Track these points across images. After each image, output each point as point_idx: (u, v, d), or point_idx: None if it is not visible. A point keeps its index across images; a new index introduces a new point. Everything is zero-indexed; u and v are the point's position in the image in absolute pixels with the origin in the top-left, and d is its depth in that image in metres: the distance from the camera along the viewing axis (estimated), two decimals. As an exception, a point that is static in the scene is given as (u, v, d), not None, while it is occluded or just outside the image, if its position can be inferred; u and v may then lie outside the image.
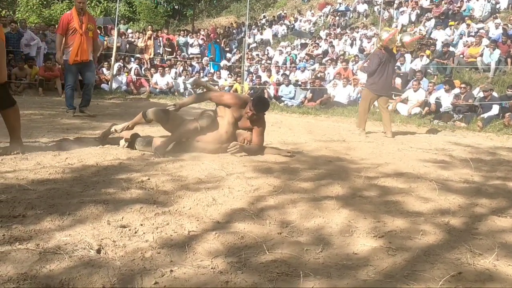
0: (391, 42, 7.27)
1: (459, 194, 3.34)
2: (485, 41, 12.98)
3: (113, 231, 2.16)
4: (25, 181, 2.94)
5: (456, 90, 10.55)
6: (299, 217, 2.60)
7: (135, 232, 2.19)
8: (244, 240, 2.17)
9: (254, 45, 20.06)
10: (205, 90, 5.07)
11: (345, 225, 2.49)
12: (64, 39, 6.92)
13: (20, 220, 2.22)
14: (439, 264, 2.00)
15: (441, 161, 4.99)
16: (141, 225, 2.29)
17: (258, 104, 4.46)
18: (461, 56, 13.23)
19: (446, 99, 10.52)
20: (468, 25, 14.96)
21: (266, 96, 12.62)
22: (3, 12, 23.30)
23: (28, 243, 1.95)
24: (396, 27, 15.31)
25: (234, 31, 21.43)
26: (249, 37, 19.73)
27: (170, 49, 16.03)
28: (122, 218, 2.37)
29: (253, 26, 22.26)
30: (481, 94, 10.33)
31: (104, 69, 13.41)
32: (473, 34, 14.24)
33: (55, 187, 2.84)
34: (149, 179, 3.22)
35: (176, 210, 2.56)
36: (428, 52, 13.58)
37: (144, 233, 2.18)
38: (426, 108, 10.69)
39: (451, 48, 13.54)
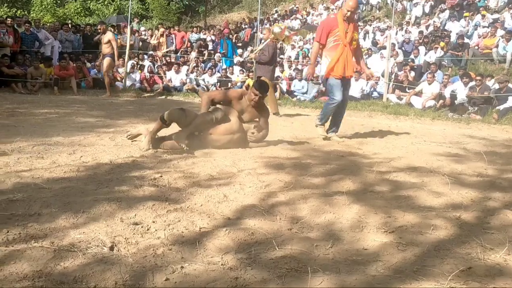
0: (281, 36, 8.63)
1: (472, 188, 3.32)
2: (500, 32, 12.77)
3: (126, 228, 2.21)
4: (41, 179, 3.00)
5: (473, 82, 10.41)
6: (310, 213, 2.61)
7: (147, 229, 2.22)
8: (254, 237, 2.19)
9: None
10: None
11: (356, 220, 2.50)
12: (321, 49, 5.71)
13: (35, 219, 2.28)
14: (449, 259, 2.00)
15: (455, 154, 4.95)
16: (153, 222, 2.33)
17: (261, 86, 4.75)
18: (476, 47, 13.04)
19: (462, 92, 10.40)
20: (483, 15, 14.73)
21: (278, 91, 12.66)
22: (19, 12, 23.60)
23: (43, 241, 2.01)
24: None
25: (246, 26, 21.38)
26: (261, 32, 19.68)
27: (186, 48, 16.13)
28: (135, 215, 2.41)
29: (265, 21, 22.20)
30: (496, 86, 10.18)
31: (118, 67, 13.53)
32: (487, 25, 14.01)
33: (70, 185, 2.90)
34: (161, 176, 3.26)
35: (187, 207, 2.60)
36: (442, 44, 13.42)
37: (156, 230, 2.22)
38: (441, 101, 10.57)
39: (465, 40, 13.35)
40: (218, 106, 4.68)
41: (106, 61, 10.96)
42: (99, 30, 12.13)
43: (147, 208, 2.51)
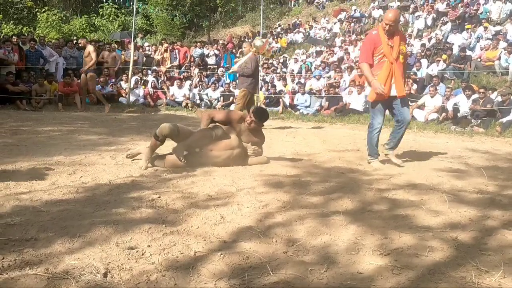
0: (262, 49, 8.78)
1: (471, 206, 3.31)
2: (503, 44, 12.77)
3: (121, 253, 2.21)
4: (39, 202, 3.02)
5: (476, 95, 10.39)
6: (306, 234, 2.61)
7: (142, 254, 2.23)
8: (249, 261, 2.19)
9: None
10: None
11: (352, 242, 2.49)
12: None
13: (32, 244, 2.29)
14: (443, 283, 2.00)
15: (456, 170, 4.94)
16: (149, 246, 2.33)
17: (258, 112, 4.78)
18: (479, 60, 13.05)
19: (465, 104, 10.38)
20: (486, 28, 14.76)
21: (281, 105, 12.69)
22: (24, 28, 23.89)
23: (38, 267, 2.01)
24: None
25: (249, 40, 21.54)
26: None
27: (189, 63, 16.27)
28: (131, 239, 2.42)
29: (269, 34, 22.35)
30: (499, 98, 10.16)
31: (122, 83, 13.64)
32: (490, 37, 14.03)
33: (68, 208, 2.92)
34: (159, 197, 3.27)
35: (184, 230, 2.60)
36: (444, 56, 13.43)
37: (151, 254, 2.23)
38: (444, 114, 10.56)
39: (468, 52, 13.36)
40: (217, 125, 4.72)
41: (90, 79, 10.79)
42: (80, 44, 11.99)
43: (143, 231, 2.52)
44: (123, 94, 13.17)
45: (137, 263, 2.12)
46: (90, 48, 10.94)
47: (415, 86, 12.34)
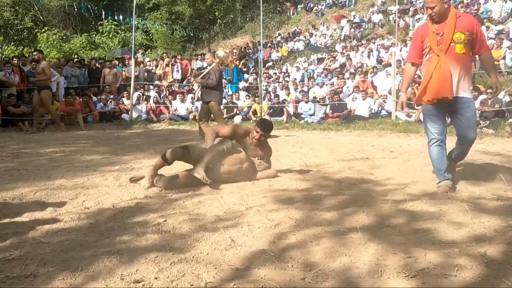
0: (226, 60, 8.89)
1: (493, 215, 3.13)
2: (507, 43, 12.62)
3: (126, 289, 2.05)
4: (40, 232, 2.87)
5: (482, 96, 10.21)
6: (324, 256, 2.44)
7: (149, 288, 2.07)
8: (264, 291, 2.02)
9: (270, 63, 20.05)
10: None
11: (373, 263, 2.32)
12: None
13: (31, 281, 2.13)
14: (480, 309, 1.82)
15: (470, 174, 4.76)
16: (156, 278, 2.17)
17: (263, 124, 4.69)
18: (483, 59, 12.86)
19: (472, 106, 10.19)
20: (488, 27, 14.60)
21: (285, 114, 12.56)
22: (25, 49, 23.94)
23: (37, 310, 1.86)
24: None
25: (250, 51, 21.48)
26: (266, 55, 19.75)
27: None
28: (136, 270, 2.26)
29: (269, 44, 22.29)
30: (507, 98, 9.99)
31: (124, 99, 13.54)
32: (493, 36, 13.87)
33: (70, 238, 2.76)
34: (165, 220, 3.12)
35: (192, 257, 2.44)
36: (448, 57, 13.26)
37: (158, 288, 2.07)
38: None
39: (471, 52, 13.18)
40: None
41: (45, 97, 10.21)
42: (35, 57, 11.24)
43: (150, 261, 2.36)
44: (124, 111, 13.07)
45: (144, 300, 1.96)
46: (44, 65, 10.28)
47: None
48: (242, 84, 15.66)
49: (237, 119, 13.17)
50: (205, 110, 8.83)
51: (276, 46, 21.93)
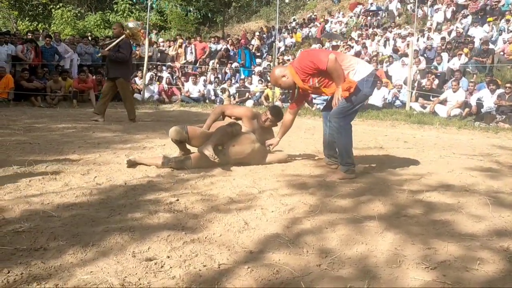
0: (138, 32, 8.14)
1: (514, 210, 3.04)
2: (528, 37, 12.34)
3: (138, 266, 2.00)
4: (51, 206, 2.82)
5: (500, 90, 10.01)
6: (339, 243, 2.37)
7: (162, 266, 2.01)
8: (279, 275, 1.96)
9: (283, 48, 19.82)
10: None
11: (392, 253, 2.25)
12: None
13: (41, 254, 2.09)
14: (505, 305, 1.75)
15: (488, 168, 4.66)
16: (168, 257, 2.11)
17: (275, 110, 4.64)
18: (502, 53, 12.61)
19: (489, 99, 10.01)
20: (508, 20, 14.28)
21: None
22: (40, 25, 23.91)
23: (47, 283, 1.81)
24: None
25: (264, 35, 21.24)
26: (280, 41, 19.50)
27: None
28: (148, 248, 2.20)
29: (283, 29, 22.03)
30: (526, 93, 9.78)
31: (137, 79, 13.48)
32: (514, 29, 13.59)
33: (81, 212, 2.72)
34: (177, 200, 3.06)
35: (205, 238, 2.38)
36: (466, 50, 13.01)
37: (170, 267, 2.01)
38: (467, 109, 10.20)
39: (490, 46, 12.92)
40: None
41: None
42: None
43: (162, 239, 2.30)
44: (137, 90, 13.01)
45: (155, 278, 1.91)
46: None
47: (436, 81, 11.97)
48: (257, 69, 15.49)
49: (249, 103, 13.07)
50: (109, 86, 8.03)
51: (290, 32, 21.65)
